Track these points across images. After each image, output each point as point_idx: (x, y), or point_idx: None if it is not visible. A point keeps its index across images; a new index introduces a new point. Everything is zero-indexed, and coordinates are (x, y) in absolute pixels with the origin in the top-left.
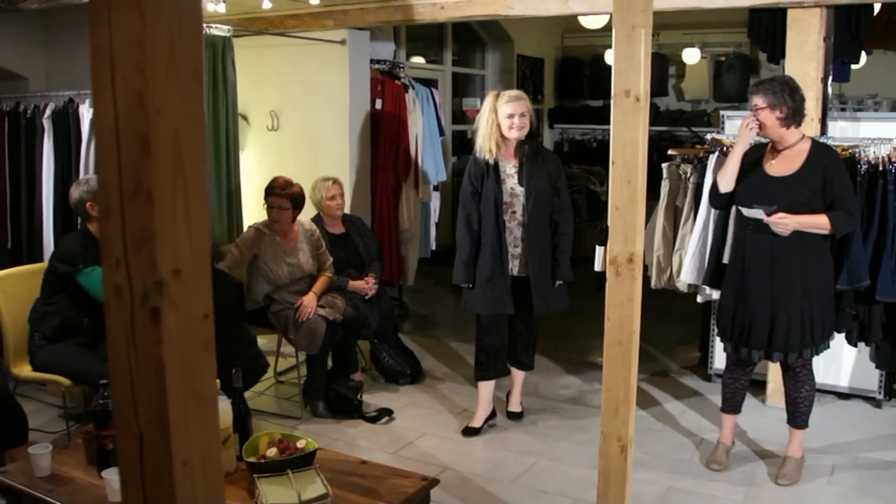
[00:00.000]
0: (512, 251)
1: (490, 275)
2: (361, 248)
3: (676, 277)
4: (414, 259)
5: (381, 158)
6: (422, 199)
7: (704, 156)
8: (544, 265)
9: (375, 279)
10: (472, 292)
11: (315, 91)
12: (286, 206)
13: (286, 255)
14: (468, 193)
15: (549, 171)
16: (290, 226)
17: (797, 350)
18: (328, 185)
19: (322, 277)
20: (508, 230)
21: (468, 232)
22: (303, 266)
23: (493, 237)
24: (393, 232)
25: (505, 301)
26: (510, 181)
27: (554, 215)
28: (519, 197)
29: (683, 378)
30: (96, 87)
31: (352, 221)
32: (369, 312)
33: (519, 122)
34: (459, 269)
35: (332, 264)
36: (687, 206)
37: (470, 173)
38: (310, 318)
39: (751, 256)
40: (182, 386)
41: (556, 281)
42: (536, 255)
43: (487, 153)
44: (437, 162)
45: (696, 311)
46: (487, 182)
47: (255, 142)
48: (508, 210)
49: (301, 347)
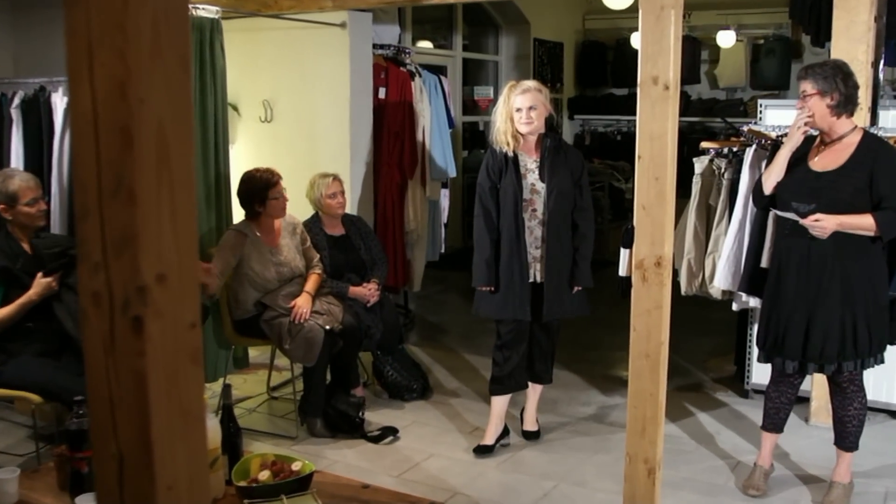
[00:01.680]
0: (532, 252)
1: (508, 277)
2: (363, 250)
3: (709, 283)
4: (421, 263)
5: (385, 153)
6: (429, 197)
7: (740, 149)
8: (562, 268)
9: (378, 285)
10: (487, 295)
11: (312, 79)
12: (281, 188)
13: (272, 254)
14: (486, 188)
15: (572, 166)
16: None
17: (835, 362)
18: (328, 182)
19: (312, 275)
20: (528, 229)
21: (487, 229)
22: (290, 264)
23: (511, 237)
24: (398, 233)
25: (523, 305)
26: (531, 176)
27: (574, 215)
28: (540, 194)
29: (718, 393)
30: (72, 74)
31: (353, 222)
32: (372, 321)
33: (526, 116)
34: (480, 268)
35: (328, 266)
36: (721, 205)
37: (488, 166)
38: (306, 327)
39: (787, 260)
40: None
41: (575, 287)
42: (555, 256)
43: (504, 146)
44: (447, 156)
45: (731, 321)
46: (506, 176)
47: (245, 135)
48: (528, 208)
49: (297, 359)
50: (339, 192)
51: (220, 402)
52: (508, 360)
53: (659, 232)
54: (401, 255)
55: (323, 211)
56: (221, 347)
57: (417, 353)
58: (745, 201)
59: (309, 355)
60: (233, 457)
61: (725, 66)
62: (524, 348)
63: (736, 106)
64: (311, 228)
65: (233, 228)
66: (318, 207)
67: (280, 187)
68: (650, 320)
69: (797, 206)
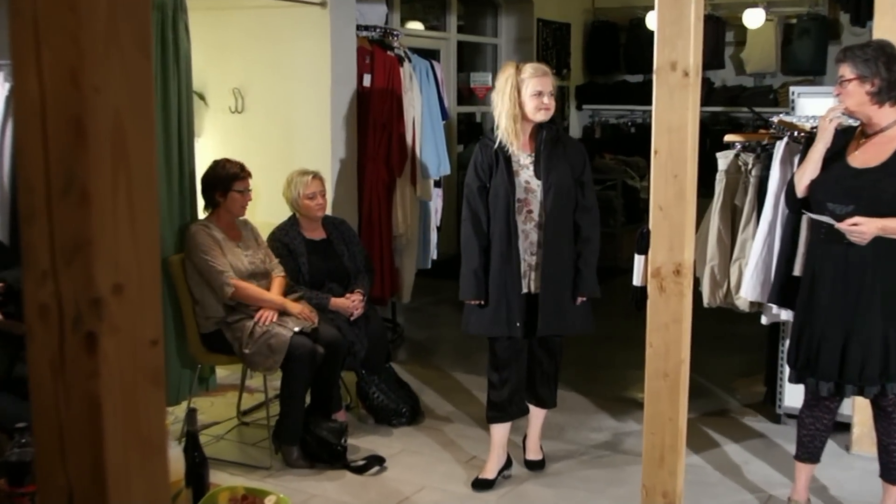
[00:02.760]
0: (528, 260)
1: (499, 289)
2: (346, 257)
3: (735, 294)
4: (411, 271)
5: (371, 147)
6: (420, 197)
7: (770, 143)
8: (561, 277)
9: (363, 296)
10: (476, 310)
11: (288, 64)
12: (250, 188)
13: (238, 246)
14: (474, 189)
15: (572, 160)
16: None
17: (877, 384)
18: (307, 181)
19: (276, 279)
20: (523, 233)
21: (476, 235)
22: (260, 256)
23: (502, 242)
24: (385, 238)
25: (513, 320)
26: (524, 173)
27: (577, 216)
28: (535, 193)
29: (746, 418)
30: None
31: (335, 225)
32: (355, 337)
33: (549, 101)
34: (468, 280)
35: (306, 274)
36: (748, 206)
37: (476, 164)
38: (270, 330)
39: (821, 268)
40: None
41: (578, 297)
42: (553, 263)
43: (511, 137)
44: (440, 152)
45: (760, 336)
46: (497, 175)
47: (213, 127)
48: (523, 209)
49: (256, 365)
50: (318, 192)
51: (183, 428)
52: (505, 382)
53: (678, 236)
54: (388, 262)
55: (301, 212)
56: (185, 366)
57: (407, 373)
58: (776, 201)
59: (271, 361)
60: (198, 490)
61: (753, 49)
62: (522, 369)
63: (765, 94)
64: (287, 232)
65: (196, 224)
66: (296, 209)
67: (248, 184)
68: (668, 335)
69: (833, 207)
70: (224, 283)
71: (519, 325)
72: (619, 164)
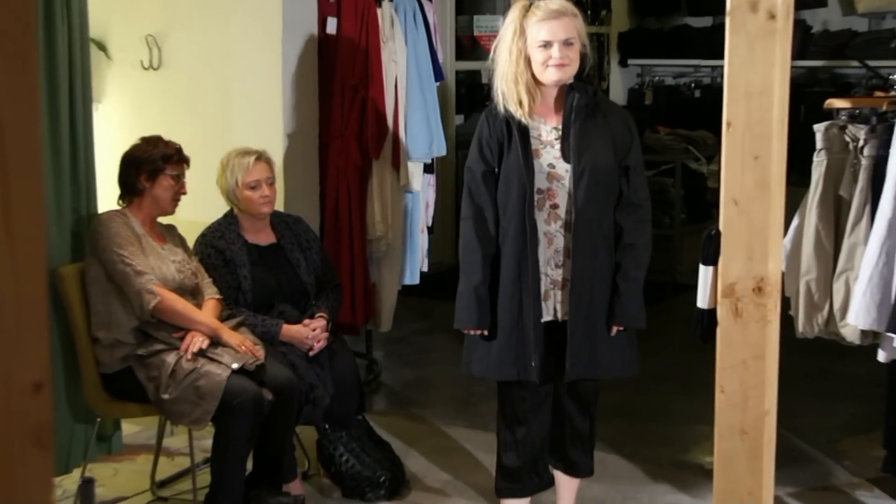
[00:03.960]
0: (551, 274)
1: (511, 314)
2: (303, 268)
3: (841, 319)
4: (392, 289)
5: (337, 119)
6: (404, 186)
7: (890, 111)
8: (598, 299)
9: (327, 322)
10: (480, 343)
11: (223, 4)
12: (184, 174)
13: (163, 250)
14: (478, 175)
15: (615, 137)
16: None
17: None
18: (248, 165)
19: (210, 301)
20: (545, 237)
21: (479, 239)
22: (188, 267)
23: (516, 250)
24: (356, 243)
25: (531, 359)
26: (547, 154)
27: (620, 214)
28: (563, 181)
29: (858, 492)
30: None
31: (287, 225)
32: (316, 379)
33: (560, 54)
34: (466, 302)
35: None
36: (858, 198)
37: (481, 141)
38: (199, 368)
39: None
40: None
41: (614, 326)
42: (586, 279)
43: (515, 106)
44: (432, 124)
45: (876, 378)
46: (509, 156)
47: (119, 89)
48: (545, 203)
49: (180, 417)
50: (264, 178)
51: None
52: (522, 442)
53: (760, 240)
54: (361, 276)
55: (241, 207)
56: (79, 420)
57: (387, 428)
58: None
59: (198, 412)
60: None
61: None
62: (546, 424)
63: (883, 42)
64: (222, 235)
65: (109, 212)
66: (234, 202)
67: (183, 170)
68: (747, 377)
69: None
70: (145, 290)
71: (536, 365)
72: (677, 140)
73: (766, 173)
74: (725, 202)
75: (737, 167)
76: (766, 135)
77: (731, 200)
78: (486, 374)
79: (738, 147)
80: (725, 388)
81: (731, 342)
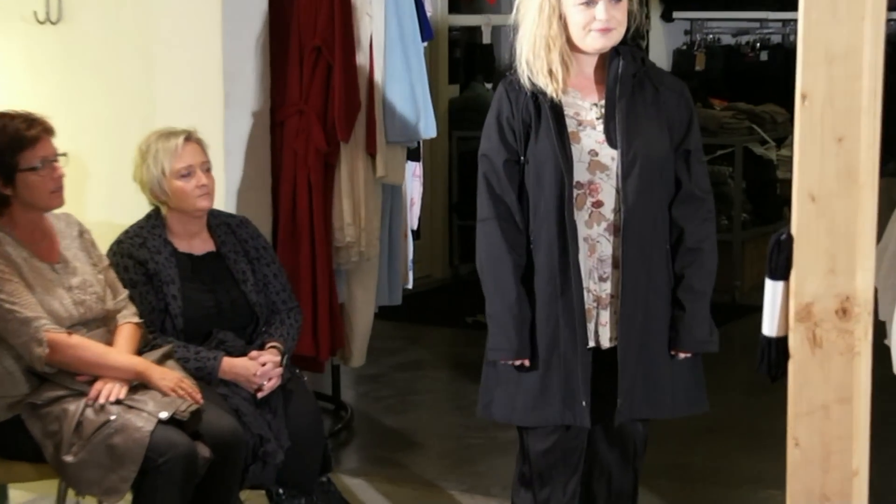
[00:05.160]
0: (594, 289)
1: (549, 340)
2: (250, 285)
3: None
4: (366, 311)
5: (294, 89)
6: (384, 179)
7: None
8: (654, 319)
9: (281, 355)
10: (508, 378)
11: None
12: (61, 154)
13: (56, 271)
14: (499, 165)
15: (669, 113)
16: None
17: None
18: (176, 147)
19: (125, 327)
20: (586, 243)
21: (508, 247)
22: (92, 289)
23: (551, 258)
24: (320, 252)
25: (577, 398)
26: (588, 138)
27: (679, 211)
28: (609, 171)
29: None
30: None
31: (230, 228)
32: (268, 428)
33: (606, 15)
34: (504, 325)
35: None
36: None
37: (501, 123)
38: (113, 421)
39: None
40: None
41: (678, 352)
42: (639, 294)
43: (545, 78)
44: (417, 97)
45: None
46: (539, 141)
47: (6, 47)
48: (586, 200)
49: (88, 485)
50: (198, 164)
51: None
52: None
53: (845, 247)
54: (326, 294)
55: (171, 204)
56: None
57: (360, 491)
58: None
59: (112, 478)
60: None
61: None
62: (577, 482)
63: None
64: (145, 241)
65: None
66: (160, 198)
67: (48, 148)
68: (829, 426)
69: None
70: (33, 340)
71: (587, 404)
72: (738, 117)
73: (852, 160)
74: (800, 198)
75: (815, 152)
76: (854, 110)
77: (807, 196)
78: (515, 418)
79: (816, 126)
80: (801, 441)
81: (808, 381)
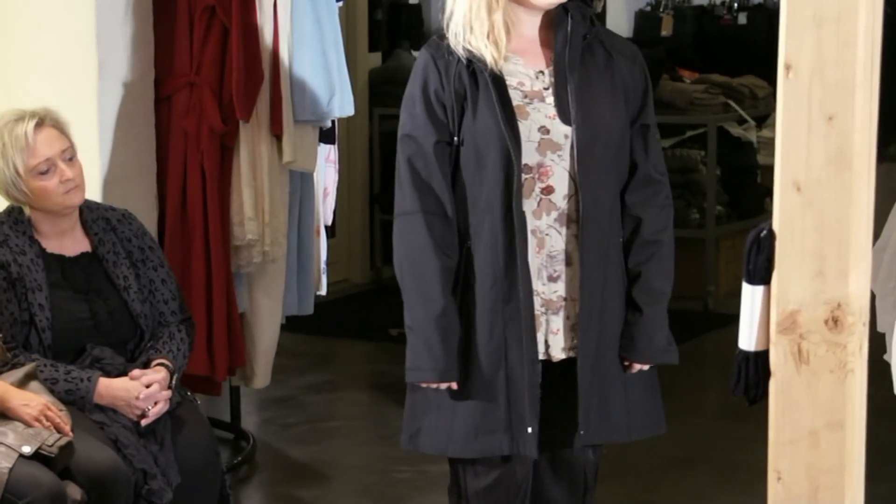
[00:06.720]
0: (541, 291)
1: (492, 354)
2: (133, 291)
3: None
4: (270, 322)
5: (183, 57)
6: (289, 164)
7: None
8: (610, 324)
9: (170, 375)
10: (437, 403)
11: None
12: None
13: None
14: (426, 147)
15: (625, 84)
16: None
17: None
18: (26, 139)
19: None
20: (534, 237)
21: (435, 246)
22: None
23: (495, 257)
24: (215, 252)
25: (523, 422)
26: (537, 112)
27: (634, 197)
28: (561, 151)
29: None
30: None
31: (108, 224)
32: (153, 462)
33: None
34: (425, 342)
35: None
36: None
37: (428, 96)
38: None
39: None
40: None
41: (633, 363)
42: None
43: (483, 41)
44: (331, 68)
45: None
46: (479, 117)
47: None
48: (534, 186)
49: None
50: (59, 153)
51: None
52: None
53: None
54: (223, 303)
55: (36, 206)
56: None
57: None
58: None
59: None
60: None
61: None
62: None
63: None
64: (6, 240)
65: None
66: (20, 200)
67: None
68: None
69: None
70: None
71: (533, 431)
72: (711, 91)
73: (845, 142)
74: (783, 187)
75: (801, 133)
76: (847, 84)
77: (791, 184)
78: (450, 449)
79: (802, 102)
80: (784, 474)
81: (793, 404)
